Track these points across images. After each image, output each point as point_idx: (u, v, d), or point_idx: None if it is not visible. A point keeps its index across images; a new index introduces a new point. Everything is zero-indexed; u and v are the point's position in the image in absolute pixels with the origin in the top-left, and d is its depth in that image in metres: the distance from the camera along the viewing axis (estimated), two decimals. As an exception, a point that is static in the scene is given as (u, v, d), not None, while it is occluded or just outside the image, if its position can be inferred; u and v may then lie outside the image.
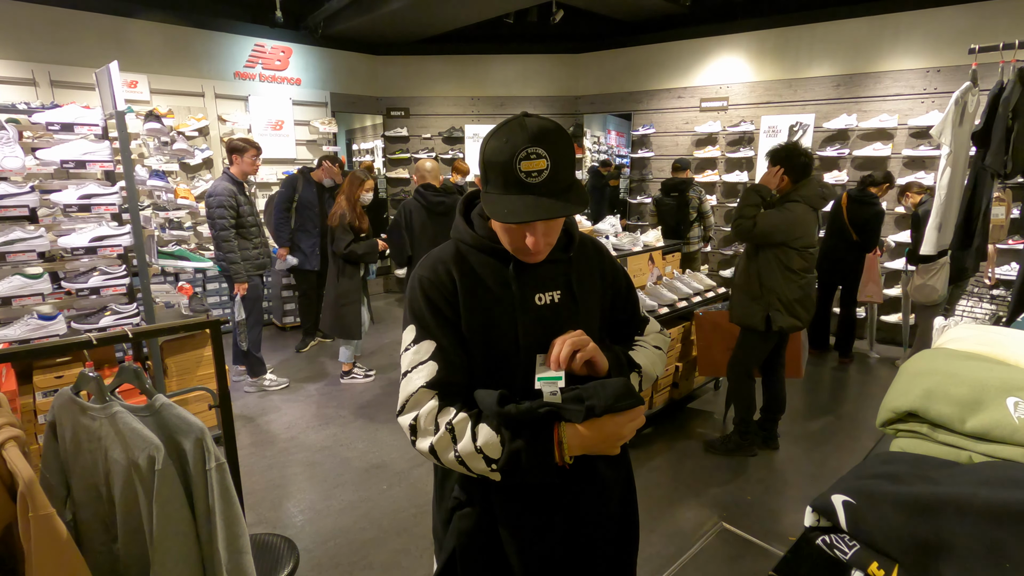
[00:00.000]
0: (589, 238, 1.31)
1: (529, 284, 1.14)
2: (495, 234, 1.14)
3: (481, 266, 1.14)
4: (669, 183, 5.68)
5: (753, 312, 3.21)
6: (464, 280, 1.12)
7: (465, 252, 1.16)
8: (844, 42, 5.82)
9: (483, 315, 1.12)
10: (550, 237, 1.10)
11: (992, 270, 4.63)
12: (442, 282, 1.12)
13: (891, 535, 0.71)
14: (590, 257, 1.26)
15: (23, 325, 2.93)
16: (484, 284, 1.13)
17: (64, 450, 1.34)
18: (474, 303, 1.11)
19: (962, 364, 1.01)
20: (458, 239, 1.18)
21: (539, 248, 1.07)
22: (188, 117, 5.91)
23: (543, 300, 1.14)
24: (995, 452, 0.88)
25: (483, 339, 1.12)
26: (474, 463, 1.02)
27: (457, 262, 1.14)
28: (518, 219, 0.99)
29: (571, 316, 1.16)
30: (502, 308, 1.12)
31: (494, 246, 1.14)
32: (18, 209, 2.85)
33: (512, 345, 1.11)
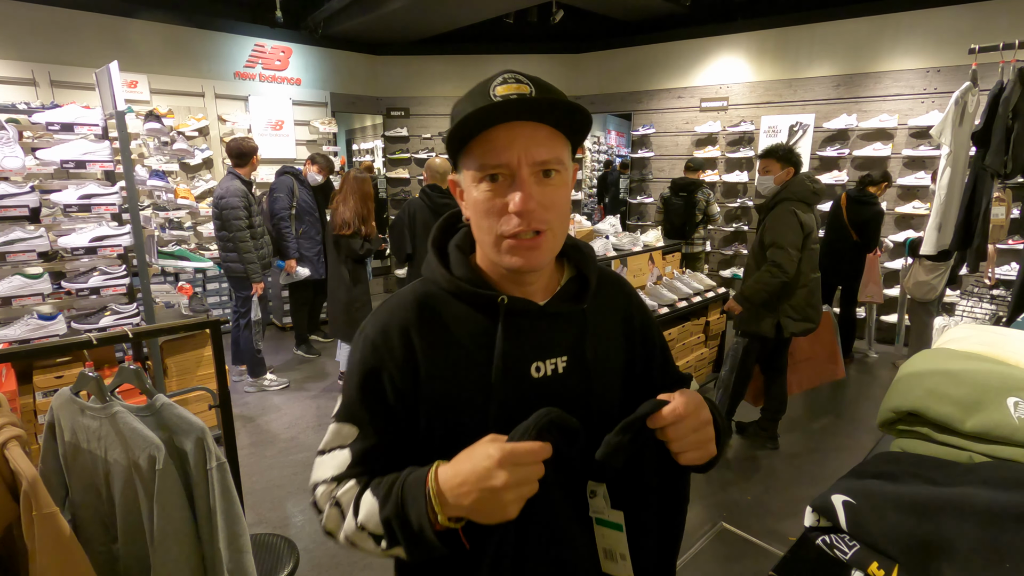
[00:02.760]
0: (611, 277, 0.98)
1: (523, 347, 0.82)
2: (479, 273, 0.86)
3: (457, 320, 0.83)
4: (679, 183, 5.67)
5: (763, 319, 3.21)
6: (428, 343, 0.82)
7: (436, 300, 0.85)
8: (844, 42, 5.82)
9: (450, 393, 0.81)
10: (548, 202, 0.77)
11: (992, 270, 4.63)
12: (391, 351, 0.81)
13: (891, 535, 0.71)
14: (613, 308, 0.93)
15: (23, 325, 2.93)
16: (458, 345, 0.82)
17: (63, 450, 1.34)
18: (439, 377, 0.81)
19: (962, 364, 1.01)
20: (429, 280, 0.88)
21: (529, 207, 0.74)
22: (188, 117, 5.91)
23: (542, 371, 0.83)
24: (995, 452, 0.88)
25: (448, 427, 0.81)
26: (364, 544, 0.77)
27: (422, 317, 0.83)
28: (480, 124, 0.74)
29: (578, 395, 0.84)
30: (478, 380, 0.81)
31: (476, 291, 0.83)
32: (18, 209, 2.85)
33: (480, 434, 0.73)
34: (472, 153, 0.77)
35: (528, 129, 0.76)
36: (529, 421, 0.72)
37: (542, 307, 0.85)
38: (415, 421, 0.82)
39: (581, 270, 0.91)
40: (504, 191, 0.76)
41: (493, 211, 0.77)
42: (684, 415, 0.74)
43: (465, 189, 0.82)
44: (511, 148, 0.75)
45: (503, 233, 0.77)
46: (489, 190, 0.77)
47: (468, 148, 0.78)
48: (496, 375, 0.80)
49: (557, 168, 0.77)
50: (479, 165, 0.76)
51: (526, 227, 0.76)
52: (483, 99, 0.75)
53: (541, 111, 0.76)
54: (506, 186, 0.76)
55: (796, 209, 3.07)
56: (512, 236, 0.77)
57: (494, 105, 0.73)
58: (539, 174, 0.76)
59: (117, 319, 3.12)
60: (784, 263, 3.03)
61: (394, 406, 0.81)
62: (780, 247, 3.04)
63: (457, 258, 0.87)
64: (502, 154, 0.75)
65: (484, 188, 0.77)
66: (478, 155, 0.76)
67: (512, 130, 0.75)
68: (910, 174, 5.51)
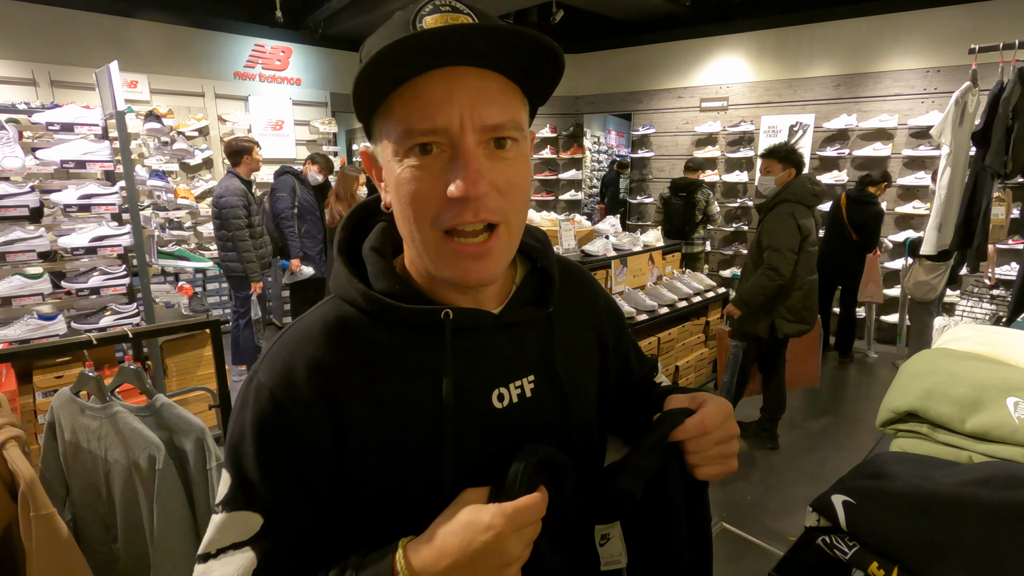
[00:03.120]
0: (572, 268, 0.79)
1: (479, 372, 0.63)
2: (408, 282, 0.64)
3: (388, 349, 0.61)
4: (678, 183, 5.67)
5: (758, 320, 3.21)
6: (351, 385, 0.59)
7: (355, 325, 0.62)
8: (844, 42, 5.82)
9: (388, 447, 0.59)
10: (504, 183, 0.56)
11: (992, 270, 4.63)
12: (298, 400, 0.58)
13: (891, 535, 0.71)
14: (579, 307, 0.76)
15: (23, 325, 2.93)
16: (392, 382, 0.60)
17: (64, 450, 1.34)
18: (370, 429, 0.59)
19: (962, 364, 1.01)
20: (342, 297, 0.64)
21: (478, 191, 0.53)
22: (188, 117, 5.91)
23: (506, 398, 0.64)
24: (995, 452, 0.88)
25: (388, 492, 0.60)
26: None
27: (337, 350, 0.60)
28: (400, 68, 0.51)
29: (553, 421, 0.67)
30: (424, 425, 0.60)
31: (409, 308, 0.61)
32: (18, 209, 2.85)
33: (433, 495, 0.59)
34: (391, 113, 0.54)
35: (473, 79, 0.53)
36: (516, 468, 0.56)
37: (497, 316, 0.64)
38: (340, 490, 0.59)
39: (538, 264, 0.71)
40: (440, 168, 0.54)
41: (424, 197, 0.55)
42: (710, 428, 0.63)
43: (384, 166, 0.58)
44: (449, 105, 0.52)
45: (441, 228, 0.55)
46: (417, 166, 0.54)
47: (385, 106, 0.55)
48: (448, 414, 0.59)
49: (514, 135, 0.56)
50: (403, 131, 0.53)
51: (472, 218, 0.54)
52: (403, 31, 0.52)
53: (492, 50, 0.52)
54: (443, 160, 0.54)
55: (795, 211, 3.07)
56: (453, 233, 0.56)
57: (419, 36, 0.49)
58: (489, 144, 0.55)
59: (117, 319, 3.12)
60: (779, 266, 3.03)
61: (310, 475, 0.58)
62: (776, 250, 3.05)
63: (377, 265, 0.64)
64: (437, 114, 0.52)
65: (411, 164, 0.54)
66: (400, 116, 0.53)
67: (451, 79, 0.52)
68: (910, 174, 5.51)
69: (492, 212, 0.55)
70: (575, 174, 8.30)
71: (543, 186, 8.46)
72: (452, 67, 0.53)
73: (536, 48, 0.53)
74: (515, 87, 0.57)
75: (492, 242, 0.57)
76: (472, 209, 0.54)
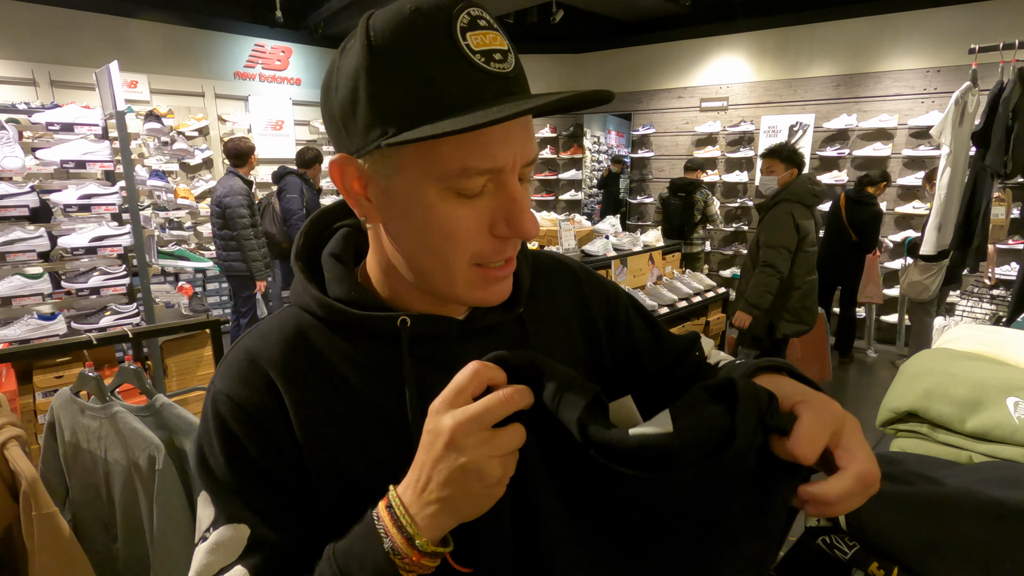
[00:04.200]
0: (546, 261, 0.74)
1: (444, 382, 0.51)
2: (366, 289, 0.61)
3: (346, 360, 0.58)
4: (677, 183, 5.67)
5: (757, 321, 3.21)
6: (303, 398, 0.56)
7: (310, 333, 0.59)
8: (844, 42, 5.82)
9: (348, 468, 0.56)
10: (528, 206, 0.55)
11: (992, 270, 4.63)
12: (259, 407, 0.55)
13: (891, 535, 0.71)
14: (556, 298, 0.71)
15: (23, 325, 2.93)
16: (351, 397, 0.57)
17: (64, 450, 1.34)
18: (325, 447, 0.56)
19: (962, 364, 1.01)
20: (299, 305, 0.62)
21: (536, 230, 0.53)
22: (188, 117, 5.92)
23: None
24: (995, 452, 0.88)
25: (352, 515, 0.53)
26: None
27: (291, 361, 0.57)
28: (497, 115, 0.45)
29: None
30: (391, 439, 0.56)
31: (365, 315, 0.58)
32: (18, 209, 2.85)
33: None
34: (436, 148, 0.49)
35: (523, 118, 0.51)
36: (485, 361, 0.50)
37: (462, 323, 0.60)
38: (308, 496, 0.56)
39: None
40: (483, 205, 0.52)
41: (468, 235, 0.52)
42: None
43: (393, 191, 0.53)
44: (507, 143, 0.50)
45: (482, 262, 0.54)
46: (460, 205, 0.51)
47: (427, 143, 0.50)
48: (416, 427, 0.52)
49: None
50: (456, 168, 0.49)
51: (512, 252, 0.55)
52: (454, 50, 0.47)
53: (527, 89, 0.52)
54: (485, 197, 0.52)
55: (794, 211, 3.08)
56: (484, 264, 0.54)
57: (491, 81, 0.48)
58: (519, 178, 0.54)
59: (117, 319, 3.12)
60: (777, 263, 3.05)
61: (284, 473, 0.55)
62: (772, 247, 3.07)
63: (334, 271, 0.61)
64: (498, 153, 0.50)
65: (451, 201, 0.51)
66: (454, 152, 0.49)
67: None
68: (910, 174, 5.51)
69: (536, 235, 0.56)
70: (575, 174, 8.30)
71: (543, 186, 8.46)
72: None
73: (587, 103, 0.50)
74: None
75: (510, 264, 0.57)
76: (513, 244, 0.55)
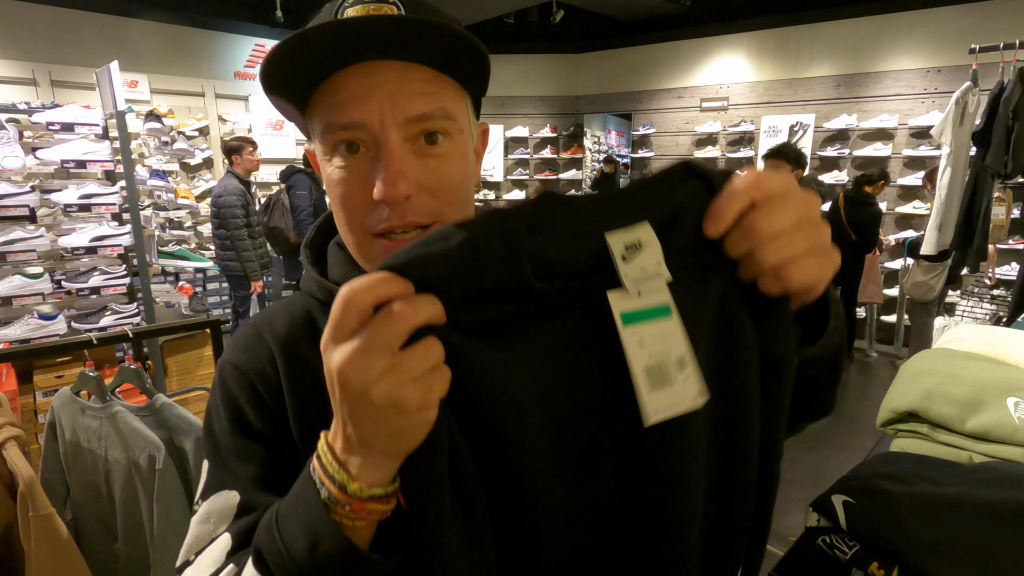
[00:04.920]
0: None
1: None
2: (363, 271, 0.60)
3: None
4: None
5: None
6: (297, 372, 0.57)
7: (315, 314, 0.61)
8: (844, 42, 5.82)
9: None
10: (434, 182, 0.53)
11: (992, 270, 4.63)
12: (259, 374, 0.57)
13: (891, 535, 0.71)
14: None
15: (23, 325, 2.93)
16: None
17: (64, 450, 1.34)
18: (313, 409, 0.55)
19: (962, 364, 1.01)
20: (306, 291, 0.64)
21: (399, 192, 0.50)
22: (188, 117, 5.92)
23: None
24: (995, 452, 0.88)
25: None
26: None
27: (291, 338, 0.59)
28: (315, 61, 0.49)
29: None
30: None
31: None
32: (18, 209, 2.85)
33: None
34: (315, 111, 0.52)
35: (394, 71, 0.50)
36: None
37: None
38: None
39: None
40: (366, 167, 0.51)
41: (352, 199, 0.53)
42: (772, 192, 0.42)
43: (320, 164, 0.56)
44: (367, 99, 0.49)
45: (369, 230, 0.53)
46: (344, 166, 0.52)
47: (311, 104, 0.53)
48: None
49: (445, 128, 0.53)
50: (324, 126, 0.52)
51: (399, 221, 0.52)
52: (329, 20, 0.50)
53: (414, 42, 0.49)
54: (368, 160, 0.51)
55: None
56: (382, 235, 0.53)
57: (329, 27, 0.46)
58: (419, 140, 0.52)
59: (117, 319, 3.12)
60: None
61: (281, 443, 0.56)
62: None
63: (337, 258, 0.63)
64: (353, 108, 0.50)
65: (338, 164, 0.52)
66: (320, 111, 0.52)
67: (370, 73, 0.50)
68: (910, 174, 5.51)
69: (421, 214, 0.52)
70: (575, 174, 8.30)
71: (543, 186, 8.46)
72: (372, 61, 0.50)
73: (452, 39, 0.49)
74: (447, 78, 0.53)
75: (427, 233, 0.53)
76: (399, 212, 0.51)
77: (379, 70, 0.50)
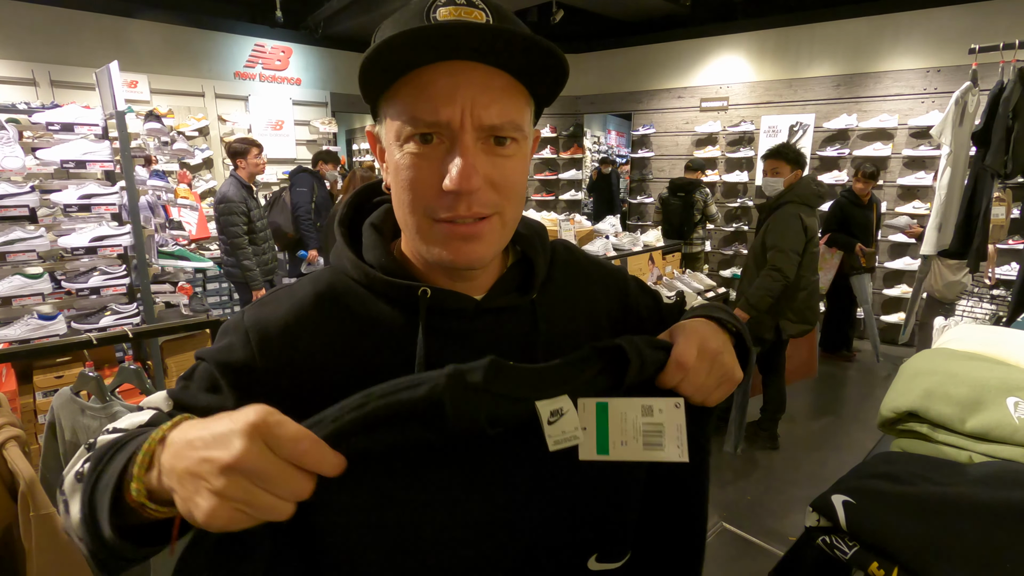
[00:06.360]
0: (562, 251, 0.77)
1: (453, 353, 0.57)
2: (400, 261, 0.65)
3: (369, 320, 0.62)
4: (677, 183, 5.67)
5: (762, 322, 3.21)
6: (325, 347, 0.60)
7: (344, 293, 0.64)
8: (844, 42, 5.82)
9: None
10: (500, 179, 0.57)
11: (992, 270, 4.63)
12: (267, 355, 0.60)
13: (891, 535, 0.71)
14: (571, 293, 0.73)
15: (23, 325, 2.93)
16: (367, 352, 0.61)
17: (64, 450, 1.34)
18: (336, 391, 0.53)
19: (962, 364, 1.01)
20: (337, 268, 0.67)
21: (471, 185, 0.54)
22: (188, 117, 5.91)
23: None
24: (995, 452, 0.88)
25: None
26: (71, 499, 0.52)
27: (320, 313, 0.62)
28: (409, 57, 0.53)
29: None
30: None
31: (391, 280, 0.62)
32: (18, 209, 2.85)
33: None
34: (396, 98, 0.56)
35: (479, 74, 0.54)
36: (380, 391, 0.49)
37: (479, 302, 0.64)
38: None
39: (526, 252, 0.70)
40: (439, 157, 0.55)
41: (421, 184, 0.56)
42: (688, 364, 0.59)
43: (386, 148, 0.60)
44: (453, 99, 0.54)
45: (433, 215, 0.57)
46: (417, 154, 0.56)
47: (392, 90, 0.57)
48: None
49: (514, 135, 0.57)
50: (407, 117, 0.55)
51: (466, 211, 0.56)
52: (417, 21, 0.53)
53: (500, 49, 0.53)
54: (442, 151, 0.55)
55: (801, 212, 3.07)
56: (445, 220, 0.57)
57: (430, 29, 0.51)
58: (488, 140, 0.56)
59: (117, 319, 3.12)
60: (783, 267, 3.03)
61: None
62: (780, 250, 3.04)
63: (372, 240, 0.66)
64: (440, 107, 0.54)
65: (411, 150, 0.56)
66: (405, 102, 0.55)
67: (456, 73, 0.54)
68: (910, 174, 5.51)
69: (485, 205, 0.57)
70: (575, 174, 8.30)
71: (543, 186, 8.46)
72: (459, 61, 0.54)
73: (542, 53, 0.54)
74: (520, 86, 0.58)
75: (483, 225, 0.58)
76: (465, 203, 0.56)
77: (465, 70, 0.54)
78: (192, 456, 0.42)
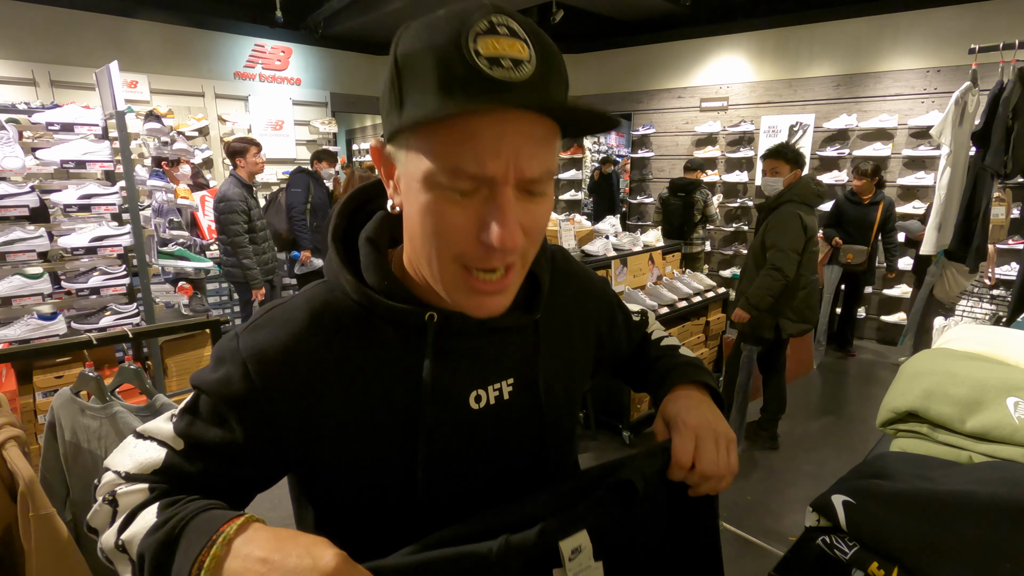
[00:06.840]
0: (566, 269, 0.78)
1: (459, 374, 0.63)
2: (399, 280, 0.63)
3: (371, 342, 0.62)
4: (677, 183, 5.67)
5: (763, 322, 3.21)
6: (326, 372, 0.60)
7: (340, 313, 0.62)
8: (844, 42, 5.82)
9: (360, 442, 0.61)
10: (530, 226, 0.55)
11: (992, 270, 4.63)
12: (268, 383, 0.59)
13: (891, 535, 0.71)
14: (569, 308, 0.75)
15: (23, 325, 2.93)
16: (370, 376, 0.61)
17: (64, 450, 1.34)
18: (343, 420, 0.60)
19: (962, 364, 1.01)
20: (333, 285, 0.64)
21: (513, 244, 0.53)
22: (188, 117, 5.91)
23: (483, 400, 0.65)
24: (995, 452, 0.88)
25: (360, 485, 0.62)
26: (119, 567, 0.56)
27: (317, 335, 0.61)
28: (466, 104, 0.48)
29: (527, 421, 0.68)
30: (398, 421, 0.61)
31: (396, 306, 0.61)
32: (18, 209, 2.85)
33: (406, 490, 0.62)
34: (435, 138, 0.51)
35: (524, 124, 0.51)
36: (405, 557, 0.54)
37: (483, 322, 0.62)
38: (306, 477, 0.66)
39: (533, 270, 0.68)
40: (475, 207, 0.52)
41: (454, 232, 0.53)
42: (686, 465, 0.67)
43: (404, 178, 0.56)
44: (498, 153, 0.50)
45: (464, 262, 0.55)
46: (451, 203, 0.52)
47: (427, 126, 0.51)
48: (425, 412, 0.61)
49: (547, 183, 0.55)
50: (447, 165, 0.51)
51: (499, 263, 0.55)
52: (457, 55, 0.48)
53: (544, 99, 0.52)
54: (479, 200, 0.52)
55: (800, 212, 3.07)
56: (473, 269, 0.55)
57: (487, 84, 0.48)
58: (523, 191, 0.54)
59: (117, 319, 3.12)
60: (783, 266, 3.03)
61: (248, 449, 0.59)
62: (780, 250, 3.04)
63: (370, 258, 0.63)
64: (487, 161, 0.50)
65: (443, 198, 0.52)
66: (447, 148, 0.51)
67: (503, 123, 0.50)
68: (910, 174, 5.51)
69: (515, 253, 0.55)
70: (575, 174, 8.29)
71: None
72: (505, 110, 0.50)
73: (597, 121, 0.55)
74: (556, 129, 0.55)
75: (508, 278, 0.57)
76: (500, 255, 0.54)
77: (511, 120, 0.50)
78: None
